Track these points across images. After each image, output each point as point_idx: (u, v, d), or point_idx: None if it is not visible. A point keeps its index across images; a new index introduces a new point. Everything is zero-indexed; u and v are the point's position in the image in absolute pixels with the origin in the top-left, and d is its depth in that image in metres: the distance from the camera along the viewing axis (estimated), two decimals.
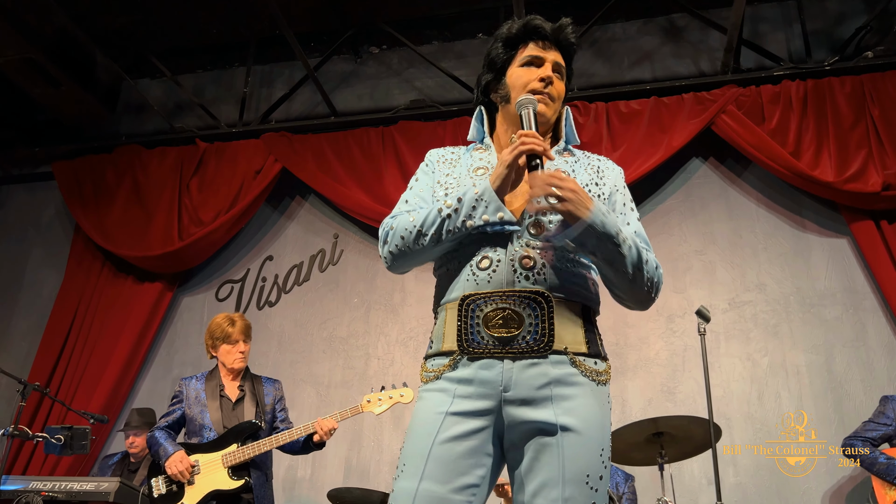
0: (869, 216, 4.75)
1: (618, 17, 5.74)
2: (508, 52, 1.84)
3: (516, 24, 1.84)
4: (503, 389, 1.59)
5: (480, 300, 1.61)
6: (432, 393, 1.65)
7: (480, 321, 1.61)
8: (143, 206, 5.84)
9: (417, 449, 1.60)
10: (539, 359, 1.59)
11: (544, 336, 1.59)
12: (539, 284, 1.62)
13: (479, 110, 1.93)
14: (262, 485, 3.62)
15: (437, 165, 1.88)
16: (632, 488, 4.06)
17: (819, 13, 5.45)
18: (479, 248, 1.66)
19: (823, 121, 4.91)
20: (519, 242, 1.65)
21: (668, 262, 5.08)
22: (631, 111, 5.25)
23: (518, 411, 1.59)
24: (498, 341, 1.60)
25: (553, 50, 1.84)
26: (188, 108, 6.28)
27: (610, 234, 1.60)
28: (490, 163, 1.80)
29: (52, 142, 6.28)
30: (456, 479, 1.56)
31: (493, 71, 1.85)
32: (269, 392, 3.86)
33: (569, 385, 1.59)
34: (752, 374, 4.70)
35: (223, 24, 5.99)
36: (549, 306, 1.61)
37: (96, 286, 5.81)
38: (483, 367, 1.60)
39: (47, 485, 3.73)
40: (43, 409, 5.40)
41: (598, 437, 1.59)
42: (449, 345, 1.65)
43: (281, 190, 5.86)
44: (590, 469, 1.56)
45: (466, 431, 1.59)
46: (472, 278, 1.65)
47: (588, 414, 1.59)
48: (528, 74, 1.79)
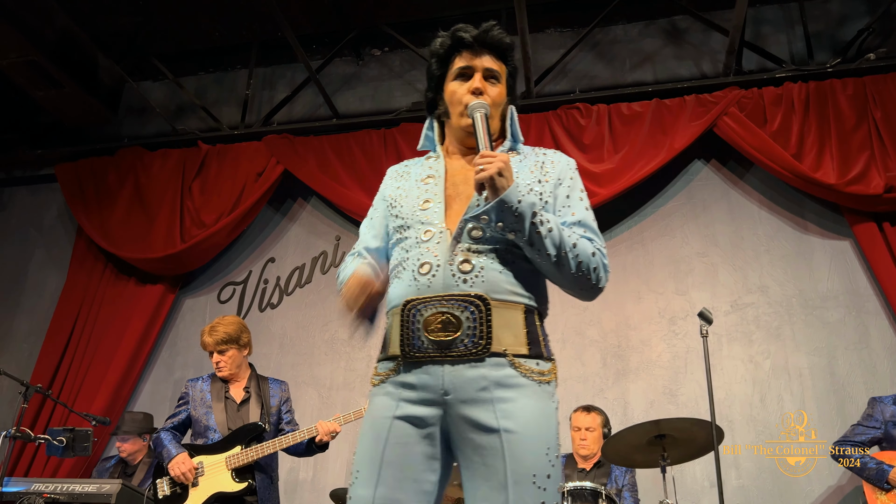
0: (871, 218, 4.74)
1: (619, 19, 5.74)
2: (442, 67, 1.86)
3: (445, 38, 1.85)
4: (444, 393, 1.61)
5: (421, 305, 1.64)
6: (380, 397, 1.69)
7: (420, 325, 1.63)
8: (146, 208, 5.84)
9: (369, 454, 1.63)
10: (477, 362, 1.60)
11: (482, 339, 1.61)
12: (477, 287, 1.63)
13: (430, 121, 1.96)
14: (266, 487, 3.61)
15: (389, 181, 1.93)
16: (632, 479, 4.06)
17: (821, 15, 5.45)
18: (421, 253, 1.69)
19: (825, 123, 4.90)
20: (459, 247, 1.67)
21: (669, 264, 5.08)
22: (633, 113, 5.25)
23: (461, 414, 1.61)
24: (437, 345, 1.62)
25: (484, 55, 1.83)
26: (190, 110, 6.29)
27: (525, 213, 1.61)
28: (437, 171, 1.84)
29: (55, 144, 6.29)
30: (410, 484, 1.60)
31: (433, 88, 1.89)
32: (276, 393, 3.85)
33: (509, 387, 1.60)
34: (754, 376, 4.69)
35: (225, 27, 6.00)
36: (487, 309, 1.62)
37: (98, 288, 5.81)
38: (424, 372, 1.63)
39: (49, 487, 3.73)
40: (45, 410, 5.40)
41: (542, 436, 1.60)
42: (394, 349, 1.68)
43: (283, 192, 5.86)
44: (536, 469, 1.57)
45: (415, 437, 1.62)
46: (414, 283, 1.67)
47: (530, 414, 1.60)
48: (460, 88, 1.81)
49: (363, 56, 6.18)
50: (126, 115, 6.40)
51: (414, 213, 1.76)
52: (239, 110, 6.10)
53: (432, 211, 1.74)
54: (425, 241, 1.70)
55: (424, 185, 1.81)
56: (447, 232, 1.70)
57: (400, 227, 1.78)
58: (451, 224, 1.71)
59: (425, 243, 1.70)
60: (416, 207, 1.77)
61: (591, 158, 5.16)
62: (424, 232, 1.72)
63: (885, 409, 3.92)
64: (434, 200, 1.76)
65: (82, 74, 5.67)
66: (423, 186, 1.81)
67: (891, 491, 3.71)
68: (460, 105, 1.80)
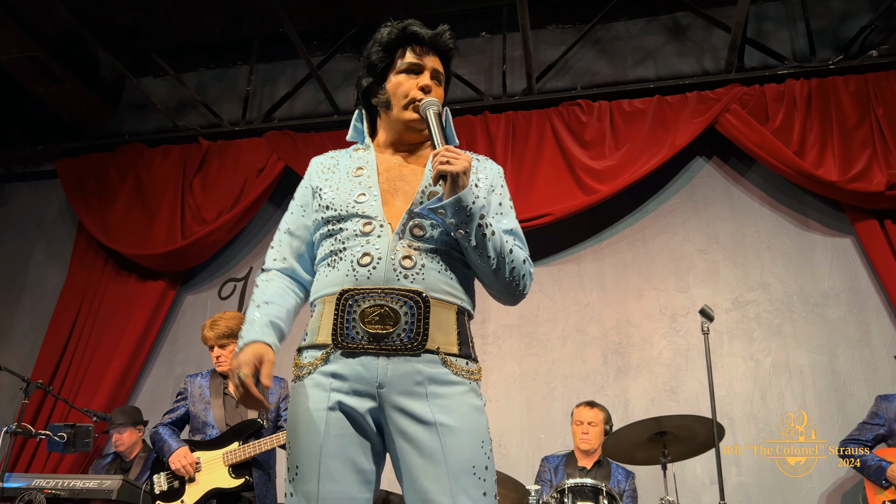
0: (873, 215, 4.74)
1: (621, 15, 5.73)
2: (387, 58, 1.85)
3: (395, 29, 1.85)
4: (378, 385, 1.62)
5: (359, 296, 1.64)
6: (308, 389, 1.68)
7: (357, 316, 1.63)
8: (146, 204, 5.84)
9: (308, 449, 1.62)
10: (412, 357, 1.62)
11: (419, 335, 1.62)
12: (417, 284, 1.65)
13: (359, 111, 1.95)
14: (263, 484, 3.61)
15: (315, 175, 1.90)
16: (632, 486, 4.06)
17: (823, 12, 5.44)
18: (361, 244, 1.69)
19: (827, 120, 4.89)
20: (401, 242, 1.68)
21: (671, 261, 5.07)
22: (634, 110, 5.24)
23: (395, 407, 1.62)
24: (372, 337, 1.62)
25: (431, 56, 1.84)
26: (191, 106, 6.28)
27: (475, 214, 1.63)
28: (368, 162, 1.83)
29: (56, 140, 6.29)
30: (353, 475, 1.61)
31: (373, 75, 1.87)
32: (274, 390, 3.85)
33: (442, 384, 1.63)
34: (755, 373, 4.69)
35: (226, 23, 5.99)
36: (427, 306, 1.64)
37: (99, 284, 5.82)
38: (357, 364, 1.63)
39: (50, 482, 3.74)
40: (46, 406, 5.40)
41: (476, 430, 1.63)
42: (323, 338, 1.67)
43: (284, 188, 5.85)
44: (475, 461, 1.60)
45: (351, 427, 1.63)
46: (352, 273, 1.66)
47: (464, 410, 1.63)
48: (407, 82, 1.81)
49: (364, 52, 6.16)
50: (127, 111, 6.39)
51: (348, 205, 1.74)
52: (240, 106, 6.10)
53: (368, 204, 1.74)
54: (365, 234, 1.70)
55: (356, 178, 1.80)
56: (388, 226, 1.70)
57: (332, 218, 1.75)
58: (391, 219, 1.72)
59: (365, 236, 1.69)
60: (349, 199, 1.75)
61: (592, 155, 5.15)
62: (364, 224, 1.71)
63: (891, 407, 3.92)
64: (369, 193, 1.76)
65: (83, 70, 5.66)
66: (354, 179, 1.80)
67: (889, 488, 3.71)
68: (405, 98, 1.80)
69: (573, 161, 5.15)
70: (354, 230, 1.71)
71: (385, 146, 1.89)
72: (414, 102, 1.79)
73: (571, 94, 5.47)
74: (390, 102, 1.83)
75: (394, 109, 1.82)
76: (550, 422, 4.75)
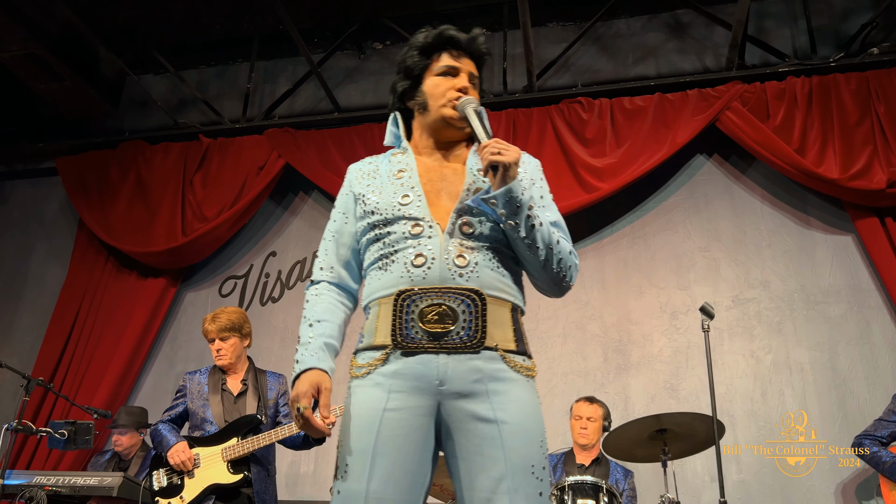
0: (874, 213, 4.73)
1: (622, 13, 5.72)
2: (424, 61, 1.88)
3: (431, 34, 1.89)
4: (439, 384, 1.63)
5: (416, 296, 1.66)
6: (366, 389, 1.68)
7: (415, 316, 1.65)
8: (147, 201, 5.84)
9: (360, 448, 1.62)
10: (472, 354, 1.64)
11: (477, 332, 1.64)
12: (472, 282, 1.67)
13: (395, 116, 1.97)
14: (262, 479, 3.62)
15: (356, 181, 1.92)
16: (632, 485, 4.06)
17: (824, 9, 5.43)
18: (412, 246, 1.71)
19: (828, 118, 4.89)
20: (452, 241, 1.70)
21: (671, 258, 5.07)
22: (635, 107, 5.24)
23: (456, 405, 1.63)
24: (432, 336, 1.64)
25: (467, 59, 1.90)
26: (192, 103, 6.28)
27: (524, 205, 1.66)
28: (409, 165, 1.85)
29: (56, 137, 6.29)
30: (403, 478, 1.60)
31: (410, 78, 1.90)
32: (273, 386, 3.85)
33: (502, 381, 1.64)
34: (755, 371, 4.69)
35: (227, 20, 5.99)
36: (483, 304, 1.66)
37: (100, 281, 5.82)
38: (417, 362, 1.64)
39: (51, 479, 3.74)
40: (47, 403, 5.41)
41: (536, 428, 1.65)
42: (381, 339, 1.69)
43: (284, 186, 5.86)
44: (533, 460, 1.61)
45: (407, 429, 1.63)
46: (407, 275, 1.68)
47: (523, 407, 1.65)
48: (444, 83, 1.85)
49: (365, 49, 6.17)
50: (127, 109, 6.40)
51: (394, 208, 1.76)
52: (240, 104, 6.10)
53: (414, 205, 1.75)
54: (415, 236, 1.71)
55: (398, 180, 1.82)
56: (437, 226, 1.72)
57: (378, 222, 1.77)
58: (439, 218, 1.74)
59: (415, 238, 1.71)
60: (394, 202, 1.77)
61: (593, 153, 5.15)
62: (412, 226, 1.72)
63: None
64: (412, 194, 1.77)
65: (84, 67, 5.66)
66: (396, 181, 1.82)
67: None
68: (443, 98, 1.83)
69: (574, 159, 5.15)
70: (403, 233, 1.73)
71: (422, 148, 1.91)
72: (452, 101, 1.82)
73: (572, 91, 5.47)
74: (427, 103, 1.86)
75: (431, 109, 1.86)
76: (550, 419, 4.70)
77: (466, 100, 1.80)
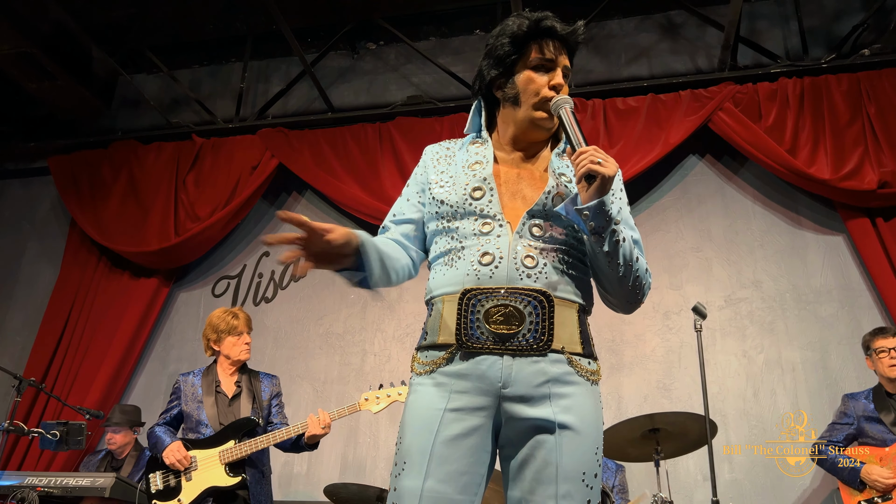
0: (865, 214, 4.76)
1: (615, 13, 5.74)
2: (517, 50, 1.78)
3: (527, 22, 1.78)
4: (502, 386, 1.60)
5: (482, 295, 1.62)
6: (427, 387, 1.65)
7: (481, 316, 1.61)
8: (139, 201, 5.82)
9: (418, 446, 1.60)
10: (538, 357, 1.60)
11: (544, 334, 1.61)
12: (540, 283, 1.63)
13: (479, 102, 1.89)
14: (257, 481, 3.62)
15: (430, 165, 1.87)
16: (622, 480, 4.07)
17: (816, 10, 5.46)
18: (481, 243, 1.67)
19: (820, 118, 4.91)
20: (521, 242, 1.66)
21: (664, 258, 5.09)
22: (628, 108, 5.25)
23: (516, 408, 1.60)
24: (497, 337, 1.60)
25: (563, 53, 1.81)
26: (184, 103, 6.27)
27: (612, 220, 1.61)
28: (486, 157, 1.79)
29: (48, 136, 6.26)
30: (459, 477, 1.58)
31: (502, 67, 1.79)
32: (266, 387, 3.86)
33: (566, 384, 1.61)
34: (747, 370, 4.71)
35: (220, 19, 5.98)
36: (551, 305, 1.62)
37: (92, 281, 5.80)
38: (481, 363, 1.61)
39: (43, 480, 3.72)
40: (38, 404, 5.38)
41: (593, 435, 1.62)
42: (445, 337, 1.65)
43: (277, 186, 5.85)
44: (586, 467, 1.58)
45: (467, 429, 1.60)
46: (474, 273, 1.64)
47: (585, 413, 1.62)
48: (539, 79, 1.75)
49: (358, 49, 6.16)
50: (120, 108, 6.38)
51: (465, 202, 1.72)
52: (233, 103, 6.08)
53: (486, 201, 1.71)
54: (484, 233, 1.68)
55: (472, 172, 1.76)
56: (508, 225, 1.68)
57: (448, 214, 1.74)
58: (510, 218, 1.69)
59: (484, 235, 1.67)
60: (465, 195, 1.72)
61: None
62: (483, 224, 1.69)
63: (857, 405, 3.95)
64: (485, 188, 1.72)
65: (76, 67, 5.64)
66: (470, 173, 1.76)
67: (865, 489, 3.73)
68: (536, 97, 1.74)
69: None
70: (472, 229, 1.69)
71: (504, 142, 1.83)
72: (545, 101, 1.74)
73: None
74: (519, 98, 1.77)
75: (522, 106, 1.77)
76: None
77: (563, 100, 1.71)
